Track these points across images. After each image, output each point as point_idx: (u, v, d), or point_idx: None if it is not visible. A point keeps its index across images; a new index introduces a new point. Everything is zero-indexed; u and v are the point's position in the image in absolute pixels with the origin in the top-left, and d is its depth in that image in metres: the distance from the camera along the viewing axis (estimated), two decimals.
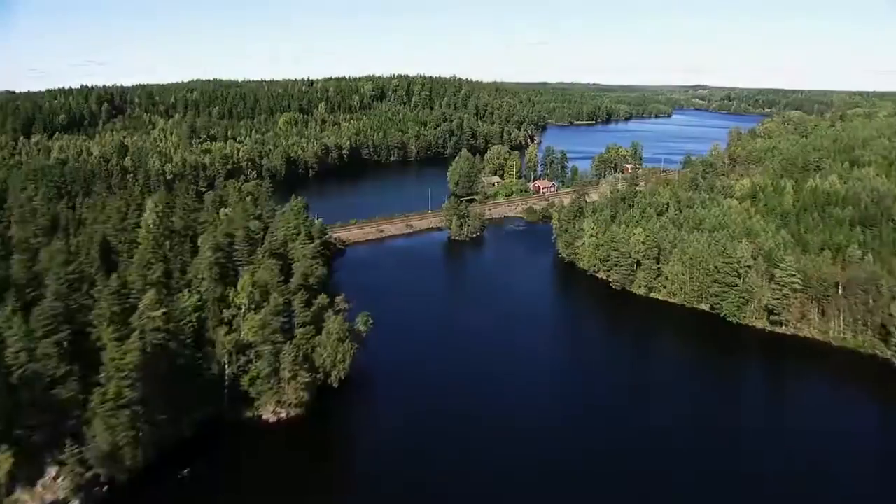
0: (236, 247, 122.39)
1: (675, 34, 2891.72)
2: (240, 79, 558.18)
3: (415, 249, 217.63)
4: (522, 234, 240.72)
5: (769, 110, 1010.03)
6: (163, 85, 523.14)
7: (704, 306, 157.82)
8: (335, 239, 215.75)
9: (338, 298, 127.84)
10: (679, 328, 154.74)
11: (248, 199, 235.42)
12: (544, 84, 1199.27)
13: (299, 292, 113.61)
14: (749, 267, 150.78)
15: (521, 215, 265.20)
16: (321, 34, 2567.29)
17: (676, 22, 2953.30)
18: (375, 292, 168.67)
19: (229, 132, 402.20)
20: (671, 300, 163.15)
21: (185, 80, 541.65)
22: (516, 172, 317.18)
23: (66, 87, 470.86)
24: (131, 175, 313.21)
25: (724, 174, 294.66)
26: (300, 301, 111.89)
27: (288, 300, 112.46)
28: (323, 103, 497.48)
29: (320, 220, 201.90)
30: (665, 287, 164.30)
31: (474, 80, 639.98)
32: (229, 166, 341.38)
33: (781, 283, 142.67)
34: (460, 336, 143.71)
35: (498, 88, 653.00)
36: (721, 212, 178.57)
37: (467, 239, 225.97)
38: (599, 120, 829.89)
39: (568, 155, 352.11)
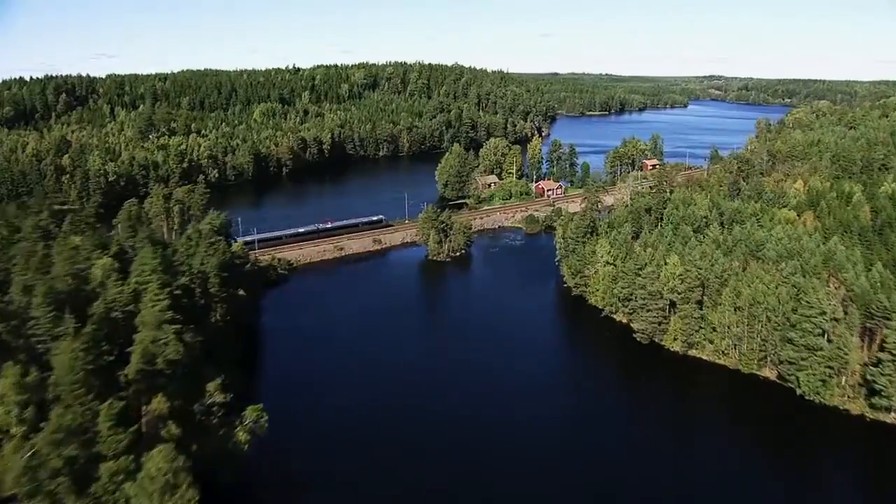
0: (34, 313, 76.14)
1: (688, 24, 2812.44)
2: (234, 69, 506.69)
3: (380, 274, 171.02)
4: (519, 251, 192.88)
5: (789, 100, 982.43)
6: (136, 74, 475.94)
7: (769, 373, 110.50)
8: (278, 262, 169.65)
9: (210, 386, 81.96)
10: (733, 407, 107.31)
11: (176, 209, 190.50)
12: (555, 74, 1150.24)
13: (109, 402, 66.96)
14: (837, 320, 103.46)
15: (518, 225, 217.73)
16: (322, 26, 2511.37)
17: (689, 12, 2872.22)
18: (306, 348, 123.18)
19: (193, 125, 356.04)
20: (720, 361, 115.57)
21: (175, 70, 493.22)
22: (516, 171, 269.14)
23: (24, 77, 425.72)
24: (67, 177, 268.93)
25: (762, 173, 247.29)
26: (108, 416, 65.51)
27: (94, 412, 66.36)
28: (307, 92, 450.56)
29: (242, 240, 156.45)
30: (712, 342, 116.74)
31: (478, 68, 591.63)
32: (185, 165, 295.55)
33: (893, 352, 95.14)
34: (417, 424, 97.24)
35: (503, 76, 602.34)
36: (785, 232, 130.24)
37: (448, 259, 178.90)
38: (613, 110, 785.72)
39: (578, 149, 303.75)
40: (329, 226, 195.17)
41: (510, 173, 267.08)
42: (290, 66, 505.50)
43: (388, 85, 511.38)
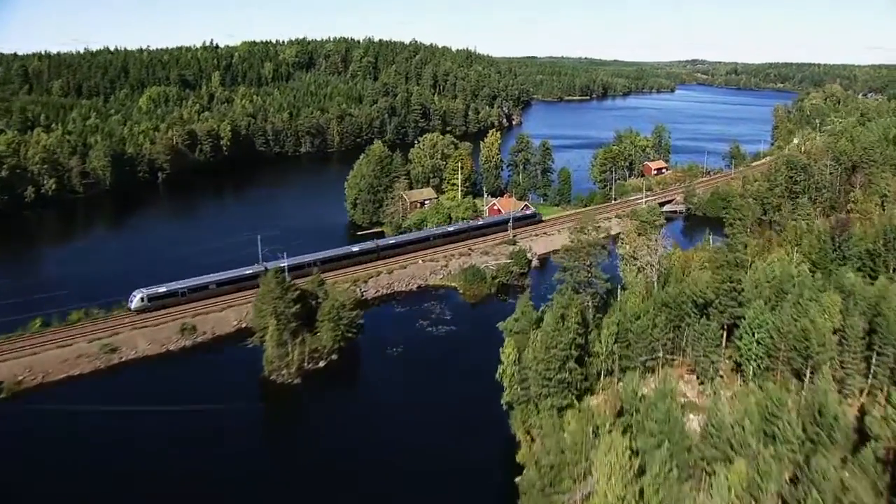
0: None
1: (669, 10, 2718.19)
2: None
3: (142, 433, 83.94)
4: (442, 350, 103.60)
5: (782, 85, 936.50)
6: (16, 54, 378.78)
7: None
8: None
9: None
10: None
11: None
12: (532, 58, 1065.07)
13: None
14: None
15: (453, 284, 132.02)
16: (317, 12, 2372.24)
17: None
18: None
19: (44, 116, 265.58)
20: None
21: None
22: (463, 181, 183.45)
23: None
24: None
25: (825, 186, 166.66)
26: None
27: None
28: (217, 73, 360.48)
29: None
30: None
31: (440, 46, 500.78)
32: (4, 173, 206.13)
33: None
34: None
35: (470, 55, 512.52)
36: None
37: (299, 378, 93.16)
38: (594, 95, 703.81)
39: (554, 143, 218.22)
40: (480, 222, 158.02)
41: (453, 185, 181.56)
42: (209, 42, 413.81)
43: (327, 64, 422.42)
